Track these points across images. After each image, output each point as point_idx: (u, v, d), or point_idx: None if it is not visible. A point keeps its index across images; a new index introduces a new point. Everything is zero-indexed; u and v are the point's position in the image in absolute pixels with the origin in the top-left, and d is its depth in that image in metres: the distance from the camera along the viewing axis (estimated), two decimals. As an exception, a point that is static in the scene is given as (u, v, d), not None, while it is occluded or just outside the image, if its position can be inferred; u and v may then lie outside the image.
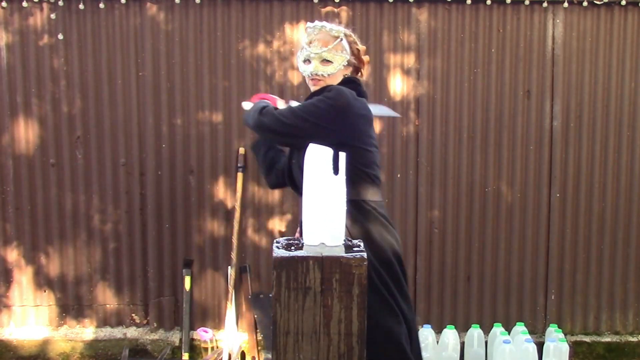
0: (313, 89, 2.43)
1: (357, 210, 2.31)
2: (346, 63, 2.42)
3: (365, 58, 2.52)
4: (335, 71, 2.39)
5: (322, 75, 2.38)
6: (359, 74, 2.53)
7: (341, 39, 2.40)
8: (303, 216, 1.73)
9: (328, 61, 2.38)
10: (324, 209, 1.70)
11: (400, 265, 2.38)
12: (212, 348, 3.91)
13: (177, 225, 4.01)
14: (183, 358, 3.91)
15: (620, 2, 3.96)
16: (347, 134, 2.29)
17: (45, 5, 3.89)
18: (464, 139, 4.00)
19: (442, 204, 4.04)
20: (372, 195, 2.37)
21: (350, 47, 2.43)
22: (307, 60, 2.41)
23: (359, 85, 2.45)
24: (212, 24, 3.94)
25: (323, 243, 1.69)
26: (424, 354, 3.37)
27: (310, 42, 2.39)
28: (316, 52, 2.37)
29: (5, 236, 4.00)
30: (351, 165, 2.14)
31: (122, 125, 3.96)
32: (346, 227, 1.94)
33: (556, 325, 3.95)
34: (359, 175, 2.31)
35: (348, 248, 1.70)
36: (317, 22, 2.43)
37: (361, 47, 2.50)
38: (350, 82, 2.44)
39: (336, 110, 2.26)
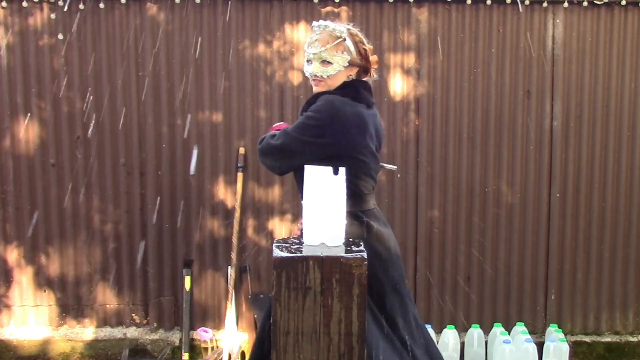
0: (315, 89, 2.40)
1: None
2: (347, 64, 2.36)
3: (374, 58, 2.45)
4: (335, 72, 2.34)
5: (322, 76, 2.34)
6: (368, 74, 2.47)
7: (343, 39, 2.34)
8: (303, 216, 1.73)
9: (328, 62, 2.33)
10: (324, 210, 1.71)
11: (393, 276, 2.36)
12: (212, 348, 3.91)
13: (177, 225, 4.01)
14: (183, 358, 3.91)
15: (620, 2, 3.96)
16: (337, 147, 2.27)
17: (45, 5, 3.89)
18: (464, 139, 4.00)
19: (442, 204, 4.04)
20: (360, 206, 2.36)
21: (357, 47, 2.38)
22: (309, 61, 2.38)
23: (358, 90, 2.39)
24: (212, 24, 3.94)
25: (323, 243, 1.69)
26: (424, 354, 3.37)
27: (312, 42, 2.36)
28: (314, 52, 2.34)
29: (5, 236, 4.00)
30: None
31: (122, 125, 3.95)
32: None
33: (556, 325, 3.95)
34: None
35: (348, 248, 1.70)
36: (321, 21, 2.38)
37: (368, 47, 2.43)
38: (347, 86, 2.39)
39: (322, 125, 2.25)
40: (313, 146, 2.27)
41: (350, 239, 1.82)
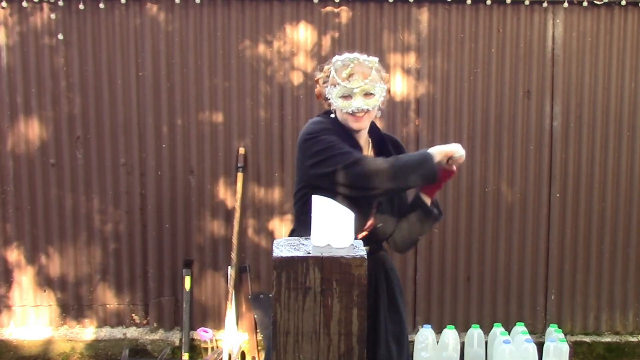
0: (357, 125, 2.27)
1: None
2: (385, 93, 2.29)
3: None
4: (378, 103, 2.27)
5: (367, 109, 2.25)
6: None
7: (375, 69, 2.27)
8: (312, 217, 1.73)
9: (371, 94, 2.25)
10: (332, 211, 1.71)
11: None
12: (212, 348, 3.91)
13: (177, 225, 4.01)
14: (183, 358, 3.91)
15: (620, 2, 3.96)
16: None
17: (45, 5, 3.89)
18: (464, 139, 4.00)
19: (442, 204, 4.03)
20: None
21: (379, 75, 2.30)
22: (346, 96, 2.24)
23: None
24: (212, 24, 3.94)
25: (329, 244, 1.69)
26: (423, 354, 3.37)
27: (350, 76, 2.23)
28: (358, 85, 2.22)
29: (5, 236, 4.00)
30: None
31: (122, 125, 3.96)
32: None
33: (556, 325, 3.91)
34: None
35: (351, 248, 1.70)
36: (347, 55, 2.27)
37: (385, 75, 2.35)
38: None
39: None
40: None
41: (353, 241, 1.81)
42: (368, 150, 2.41)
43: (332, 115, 2.31)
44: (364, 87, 2.23)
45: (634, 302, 4.14)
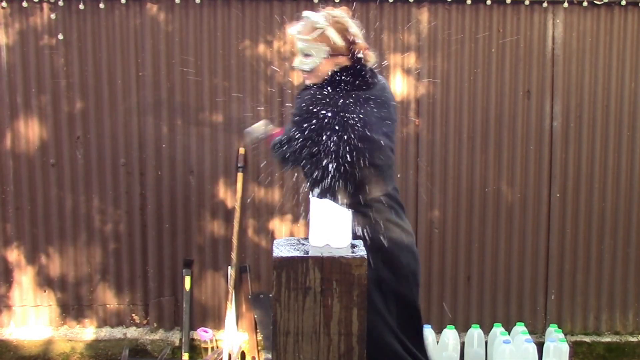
0: (305, 81, 2.40)
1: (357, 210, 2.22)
2: (326, 55, 2.28)
3: (361, 44, 2.35)
4: (314, 64, 2.28)
5: (303, 70, 2.30)
6: (362, 59, 2.37)
7: (323, 30, 2.27)
8: (310, 218, 1.74)
9: (308, 54, 2.28)
10: (329, 211, 1.71)
11: None
12: (212, 348, 3.91)
13: (177, 225, 4.01)
14: (183, 358, 3.91)
15: (620, 2, 3.96)
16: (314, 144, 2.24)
17: (45, 5, 3.89)
18: (464, 139, 4.00)
19: (442, 204, 4.04)
20: (370, 191, 2.30)
21: (343, 35, 2.30)
22: (298, 53, 2.35)
23: (339, 81, 2.31)
24: (212, 24, 3.94)
25: (328, 245, 1.69)
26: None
27: (297, 35, 2.30)
28: (298, 45, 2.31)
29: (5, 236, 4.00)
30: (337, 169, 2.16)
31: (122, 125, 3.96)
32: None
33: (556, 325, 3.95)
34: (352, 175, 2.24)
35: (349, 248, 1.70)
36: (305, 12, 2.32)
37: (355, 32, 2.34)
38: (332, 79, 2.32)
39: (297, 126, 2.24)
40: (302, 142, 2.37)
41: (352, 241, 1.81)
42: None
43: None
44: (302, 48, 2.30)
45: (634, 302, 4.14)
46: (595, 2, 3.96)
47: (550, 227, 4.07)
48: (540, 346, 3.75)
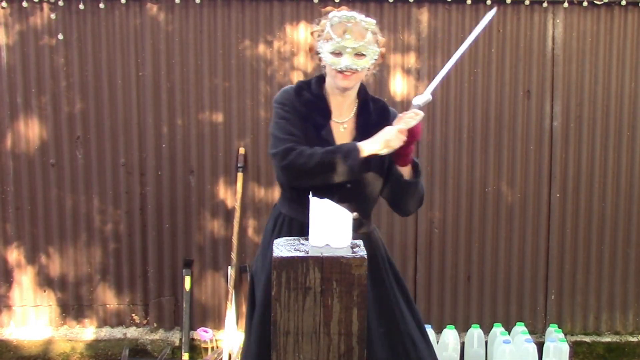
0: (344, 83, 2.27)
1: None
2: (377, 57, 2.30)
3: (383, 49, 2.38)
4: (368, 65, 2.28)
5: (357, 69, 2.25)
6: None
7: (371, 31, 2.27)
8: (310, 218, 1.73)
9: (362, 54, 2.25)
10: (330, 212, 1.71)
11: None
12: (212, 348, 3.91)
13: (177, 225, 4.01)
14: (183, 358, 3.91)
15: (620, 2, 3.96)
16: None
17: (45, 5, 3.89)
18: (464, 139, 4.00)
19: (442, 204, 4.04)
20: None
21: (375, 39, 2.31)
22: (337, 53, 2.24)
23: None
24: (212, 24, 3.94)
25: (328, 245, 1.69)
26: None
27: (344, 33, 2.24)
28: (352, 45, 2.23)
29: (5, 236, 4.00)
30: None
31: (122, 125, 3.96)
32: None
33: (556, 325, 3.95)
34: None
35: (349, 249, 1.70)
36: (345, 12, 2.28)
37: (381, 39, 2.35)
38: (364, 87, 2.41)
39: None
40: None
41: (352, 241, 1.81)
42: (351, 114, 2.37)
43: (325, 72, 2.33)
44: (357, 47, 2.24)
45: (634, 302, 4.14)
46: (595, 2, 3.96)
47: (550, 227, 4.07)
48: (540, 346, 3.75)
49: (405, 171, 2.32)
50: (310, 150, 2.19)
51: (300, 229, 2.21)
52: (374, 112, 2.37)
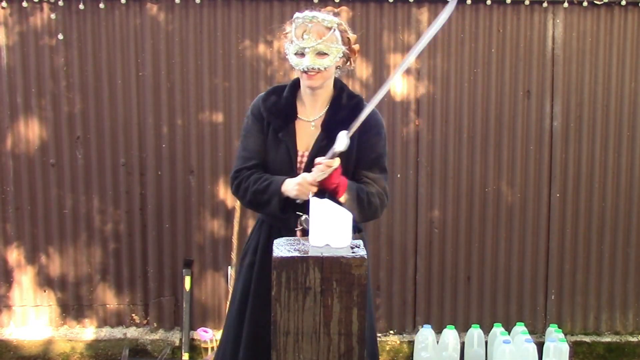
0: (309, 83, 2.30)
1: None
2: (341, 55, 2.31)
3: (356, 47, 2.39)
4: (331, 64, 2.28)
5: (319, 68, 2.27)
6: (349, 63, 2.41)
7: (334, 30, 2.28)
8: (310, 218, 1.73)
9: (324, 54, 2.27)
10: (330, 212, 1.71)
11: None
12: (212, 348, 3.91)
13: (177, 225, 4.01)
14: (183, 358, 3.91)
15: (620, 2, 3.96)
16: None
17: (45, 5, 3.89)
18: (464, 139, 4.00)
19: (442, 204, 4.04)
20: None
21: (342, 37, 2.32)
22: (300, 54, 2.28)
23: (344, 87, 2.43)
24: (212, 24, 3.94)
25: (328, 245, 1.70)
26: (423, 354, 3.38)
27: (303, 34, 2.27)
28: (310, 45, 2.25)
29: (5, 236, 4.00)
30: None
31: (122, 125, 3.96)
32: None
33: (556, 325, 3.93)
34: None
35: (349, 249, 1.70)
36: (307, 12, 2.31)
37: (352, 36, 2.37)
38: (340, 84, 2.42)
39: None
40: None
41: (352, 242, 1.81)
42: (322, 112, 2.39)
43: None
44: (316, 47, 2.26)
45: (634, 302, 4.14)
46: (595, 2, 3.96)
47: (550, 227, 4.07)
48: (540, 346, 3.74)
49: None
50: (246, 182, 2.33)
51: (269, 230, 2.40)
52: (345, 109, 2.37)
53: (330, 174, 2.17)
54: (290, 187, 2.23)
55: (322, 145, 2.30)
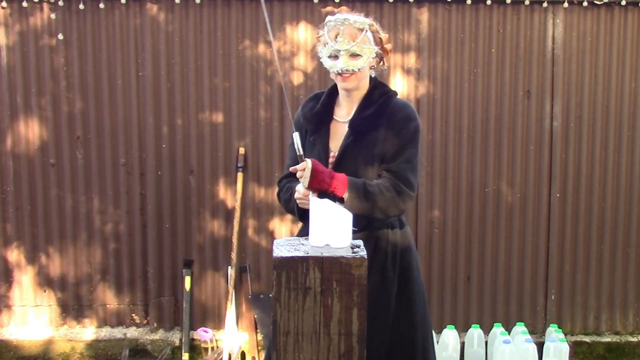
0: (343, 85, 2.34)
1: None
2: (374, 55, 2.34)
3: (388, 46, 2.43)
4: (365, 65, 2.31)
5: (353, 70, 2.30)
6: (382, 62, 2.44)
7: (366, 31, 2.31)
8: (310, 218, 1.73)
9: (357, 55, 2.30)
10: (330, 212, 1.71)
11: None
12: (212, 348, 3.91)
13: (177, 225, 4.01)
14: (183, 358, 3.91)
15: (620, 2, 3.96)
16: None
17: (45, 5, 3.89)
18: (464, 139, 4.00)
19: (442, 204, 4.04)
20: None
21: (374, 37, 2.35)
22: (333, 56, 2.32)
23: (384, 86, 2.45)
24: (212, 24, 3.94)
25: (328, 245, 1.69)
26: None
27: (336, 36, 2.30)
28: (345, 48, 2.28)
29: (5, 236, 4.00)
30: None
31: (122, 125, 3.96)
32: None
33: (556, 325, 3.95)
34: None
35: (349, 249, 1.70)
36: (338, 15, 2.33)
37: (384, 36, 2.40)
38: (379, 84, 2.44)
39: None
40: None
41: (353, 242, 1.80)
42: (352, 112, 2.40)
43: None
44: (349, 49, 2.29)
45: (634, 302, 4.14)
46: (595, 2, 3.96)
47: (550, 227, 4.07)
48: (540, 346, 3.74)
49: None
50: (282, 192, 2.48)
51: None
52: (374, 105, 2.38)
53: (313, 176, 2.18)
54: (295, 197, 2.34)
55: (349, 143, 2.33)
